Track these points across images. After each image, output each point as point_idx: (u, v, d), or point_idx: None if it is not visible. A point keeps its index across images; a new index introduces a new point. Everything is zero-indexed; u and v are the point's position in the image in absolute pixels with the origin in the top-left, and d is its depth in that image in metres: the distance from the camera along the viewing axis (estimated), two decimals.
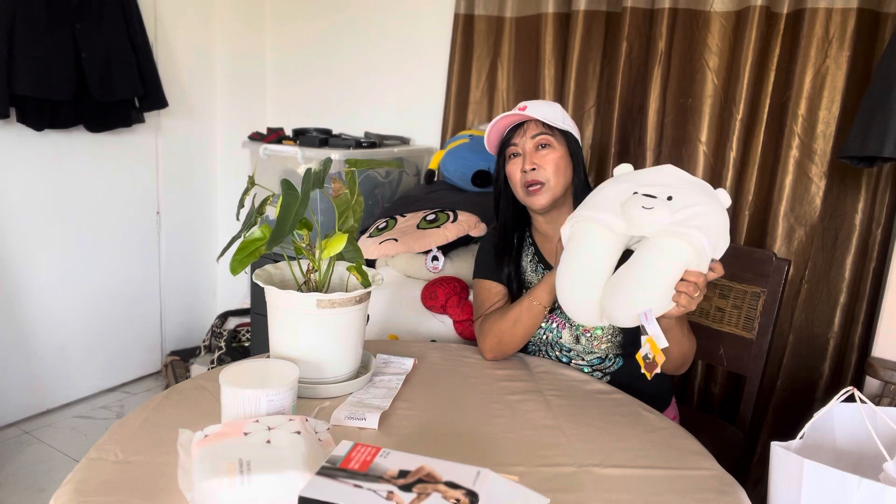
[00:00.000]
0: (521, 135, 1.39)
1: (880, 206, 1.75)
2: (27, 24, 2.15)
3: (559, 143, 1.38)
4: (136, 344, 2.80)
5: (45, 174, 2.40)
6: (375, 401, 1.14)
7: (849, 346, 1.82)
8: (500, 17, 2.29)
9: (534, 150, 1.37)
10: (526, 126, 1.38)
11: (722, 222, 1.09)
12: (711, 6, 1.85)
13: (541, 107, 1.39)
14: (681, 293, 1.06)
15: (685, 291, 1.06)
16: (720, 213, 1.10)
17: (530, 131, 1.38)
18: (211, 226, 3.05)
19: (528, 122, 1.38)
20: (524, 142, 1.38)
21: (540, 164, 1.36)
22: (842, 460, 1.02)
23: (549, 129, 1.37)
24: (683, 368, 1.31)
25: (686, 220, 1.06)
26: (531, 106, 1.38)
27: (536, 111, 1.37)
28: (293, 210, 1.05)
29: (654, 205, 1.08)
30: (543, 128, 1.37)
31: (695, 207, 1.07)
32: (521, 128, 1.39)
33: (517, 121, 1.40)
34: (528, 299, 1.33)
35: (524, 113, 1.36)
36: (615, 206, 1.13)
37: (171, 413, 1.08)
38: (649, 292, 1.07)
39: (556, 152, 1.37)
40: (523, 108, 1.37)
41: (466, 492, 0.69)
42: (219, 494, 0.77)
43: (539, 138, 1.37)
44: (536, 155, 1.37)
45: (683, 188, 1.12)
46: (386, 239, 1.90)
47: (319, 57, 2.85)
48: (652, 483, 0.95)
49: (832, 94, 1.74)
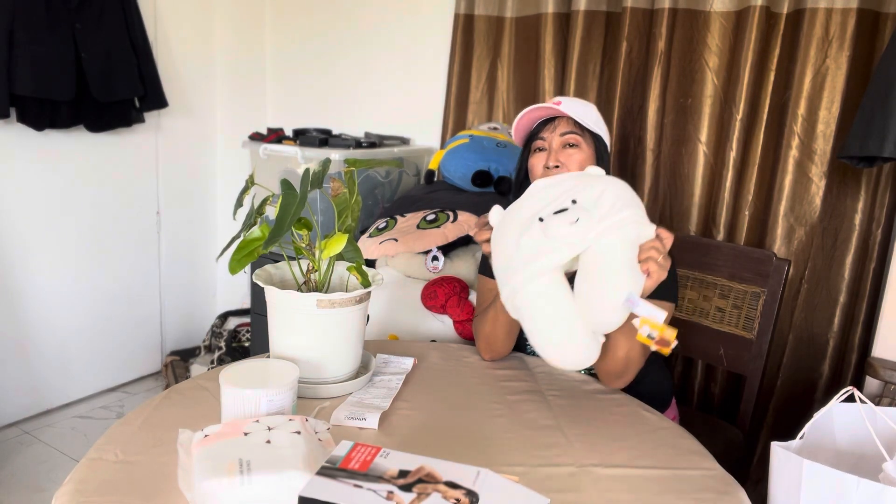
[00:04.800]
0: (550, 130, 1.35)
1: (880, 206, 1.75)
2: (27, 25, 2.15)
3: (587, 144, 1.34)
4: (136, 344, 2.80)
5: (45, 174, 2.40)
6: (375, 401, 1.14)
7: (849, 346, 1.82)
8: (500, 17, 2.29)
9: (560, 148, 1.33)
10: (557, 122, 1.34)
11: (628, 189, 1.13)
12: (711, 6, 1.85)
13: (575, 105, 1.35)
14: (647, 261, 1.06)
15: (650, 257, 1.06)
16: (622, 183, 1.14)
17: (560, 128, 1.34)
18: (211, 226, 3.05)
19: (559, 119, 1.35)
20: (552, 137, 1.34)
21: (564, 163, 1.32)
22: (842, 460, 1.02)
23: (580, 130, 1.34)
24: (621, 380, 1.24)
25: (610, 209, 1.07)
26: (566, 102, 1.34)
27: (570, 108, 1.33)
28: (292, 210, 1.05)
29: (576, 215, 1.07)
30: (574, 127, 1.34)
31: (605, 193, 1.10)
32: (551, 123, 1.35)
33: (549, 115, 1.36)
34: (499, 298, 1.28)
35: (558, 108, 1.33)
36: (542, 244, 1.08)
37: (171, 413, 1.08)
38: (622, 284, 1.05)
39: (583, 153, 1.33)
40: (558, 102, 1.34)
41: (466, 492, 0.69)
42: (219, 494, 0.77)
43: (568, 137, 1.33)
44: (563, 153, 1.33)
45: (569, 186, 1.14)
46: (386, 239, 1.90)
47: (319, 57, 2.85)
48: (652, 483, 0.95)
49: (832, 94, 1.73)
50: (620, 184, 1.14)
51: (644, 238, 1.08)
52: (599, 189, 1.11)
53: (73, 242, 2.52)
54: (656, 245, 1.07)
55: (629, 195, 1.12)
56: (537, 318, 1.09)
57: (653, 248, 1.07)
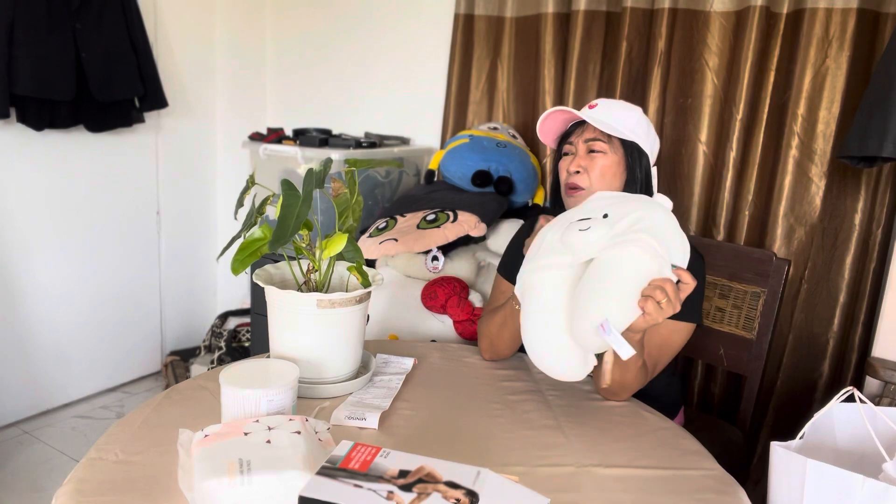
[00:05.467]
0: (578, 134, 1.33)
1: (880, 206, 1.75)
2: (27, 25, 2.15)
3: (614, 150, 1.31)
4: (136, 344, 2.80)
5: (45, 174, 2.40)
6: (375, 401, 1.14)
7: (849, 346, 1.82)
8: (500, 17, 2.29)
9: (585, 153, 1.32)
10: (585, 125, 1.32)
11: (667, 223, 1.04)
12: (711, 6, 1.85)
13: (610, 108, 1.32)
14: (647, 298, 0.98)
15: (651, 294, 0.97)
16: (664, 215, 1.05)
17: (587, 133, 1.32)
18: (211, 226, 3.05)
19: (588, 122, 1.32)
20: (579, 142, 1.33)
21: (586, 168, 1.30)
22: (842, 460, 1.02)
23: (606, 136, 1.30)
24: (616, 397, 1.22)
25: (628, 228, 1.03)
26: (602, 105, 1.32)
27: (600, 113, 1.30)
28: (294, 210, 1.05)
29: (589, 225, 1.06)
30: (599, 133, 1.31)
31: (634, 213, 1.05)
32: (581, 126, 1.33)
33: (575, 119, 1.34)
34: (511, 302, 1.29)
35: (580, 113, 1.31)
36: (555, 245, 1.10)
37: (171, 413, 1.08)
38: (606, 302, 0.99)
39: (608, 159, 1.30)
40: (594, 105, 1.32)
41: (466, 492, 0.69)
42: (219, 494, 0.77)
43: (592, 143, 1.31)
44: (586, 158, 1.31)
45: (617, 203, 1.10)
46: (386, 239, 1.90)
47: (320, 57, 2.85)
48: (652, 483, 0.95)
49: (832, 94, 1.73)
50: (663, 216, 1.05)
51: (657, 273, 1.00)
52: (633, 209, 1.06)
53: (73, 242, 2.52)
54: (666, 287, 0.98)
55: (663, 227, 1.03)
56: (528, 303, 1.10)
57: (660, 287, 0.98)
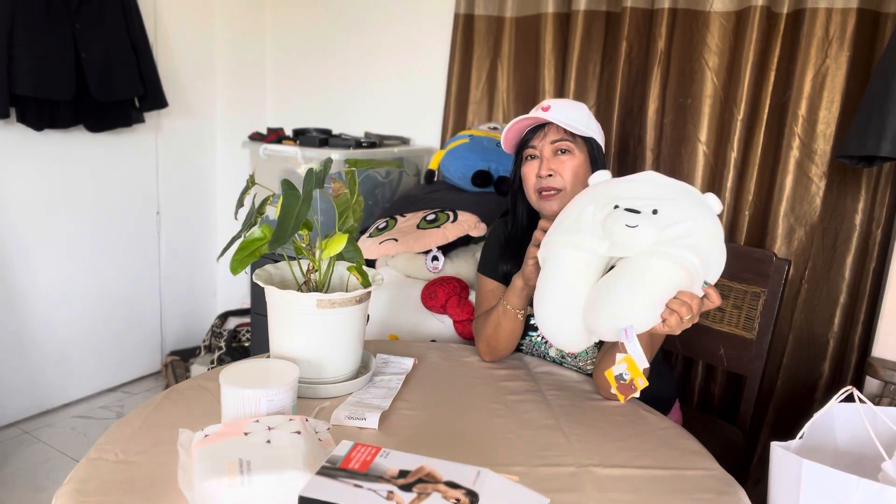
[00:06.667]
0: (540, 137, 1.32)
1: (880, 206, 1.75)
2: (27, 25, 2.15)
3: (580, 149, 1.32)
4: (136, 344, 2.80)
5: (45, 174, 2.40)
6: (375, 401, 1.14)
7: (849, 346, 1.82)
8: (500, 17, 2.29)
9: (552, 156, 1.31)
10: (546, 129, 1.32)
11: (714, 238, 1.04)
12: (711, 6, 1.85)
13: (564, 108, 1.32)
14: (672, 312, 1.00)
15: (676, 310, 1.00)
16: (712, 225, 1.04)
17: (550, 135, 1.31)
18: (211, 226, 3.05)
19: (549, 125, 1.32)
20: (543, 145, 1.32)
21: (557, 171, 1.30)
22: (842, 460, 1.02)
23: (571, 135, 1.31)
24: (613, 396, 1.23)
25: (674, 238, 1.01)
26: (555, 106, 1.31)
27: (559, 114, 1.30)
28: (294, 210, 1.05)
29: (638, 221, 1.03)
30: (565, 133, 1.31)
31: (684, 223, 1.02)
32: (541, 130, 1.32)
33: (537, 122, 1.34)
34: (503, 303, 1.31)
35: (545, 116, 1.30)
36: (595, 226, 1.07)
37: (171, 413, 1.08)
38: (633, 310, 1.00)
39: (576, 159, 1.31)
40: (546, 107, 1.31)
41: (466, 492, 0.69)
42: (219, 494, 0.77)
43: (559, 144, 1.31)
44: (555, 160, 1.31)
45: (669, 198, 1.06)
46: (386, 239, 1.90)
47: (320, 57, 2.85)
48: (652, 483, 0.95)
49: (832, 94, 1.73)
50: (713, 230, 1.04)
51: (688, 287, 1.01)
52: (685, 216, 1.03)
53: (73, 242, 2.52)
54: (693, 304, 1.00)
55: (709, 243, 1.03)
56: (549, 276, 1.10)
57: (687, 305, 1.00)
